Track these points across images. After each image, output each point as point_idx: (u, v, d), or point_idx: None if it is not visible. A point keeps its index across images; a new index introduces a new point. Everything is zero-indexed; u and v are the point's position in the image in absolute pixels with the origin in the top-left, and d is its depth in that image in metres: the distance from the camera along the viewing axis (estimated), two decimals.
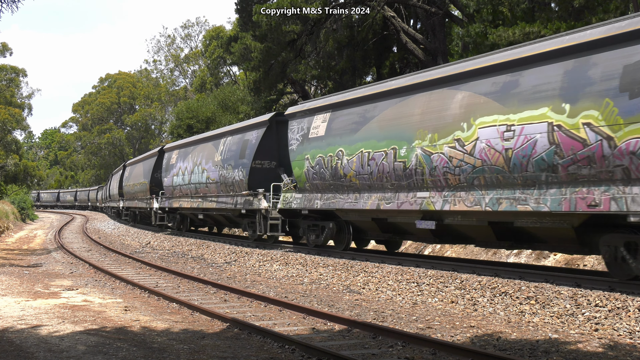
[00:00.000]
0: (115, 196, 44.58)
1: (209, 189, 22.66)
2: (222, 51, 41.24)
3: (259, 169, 19.34)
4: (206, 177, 22.68)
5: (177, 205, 26.04)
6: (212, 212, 23.06)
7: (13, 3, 10.93)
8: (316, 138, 15.94)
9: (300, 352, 7.26)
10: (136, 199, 34.84)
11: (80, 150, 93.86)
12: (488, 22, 18.12)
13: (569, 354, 7.06)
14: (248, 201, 19.28)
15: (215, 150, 22.43)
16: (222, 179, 21.20)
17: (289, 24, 24.23)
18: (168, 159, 28.00)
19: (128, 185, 37.46)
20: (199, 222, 26.57)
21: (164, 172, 28.27)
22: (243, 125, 21.18)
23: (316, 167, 15.74)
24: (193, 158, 24.53)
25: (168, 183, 27.22)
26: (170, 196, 27.14)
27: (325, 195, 15.52)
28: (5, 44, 52.74)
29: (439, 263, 13.16)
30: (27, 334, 8.26)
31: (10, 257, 20.42)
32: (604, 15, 15.53)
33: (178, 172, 25.92)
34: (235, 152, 20.50)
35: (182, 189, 25.43)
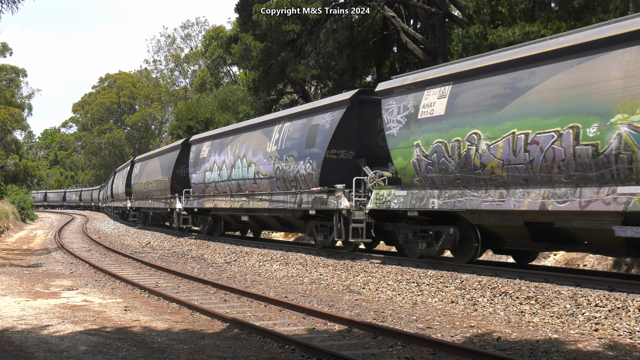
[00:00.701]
0: (120, 195, 41.21)
1: (258, 186, 19.05)
2: (222, 51, 41.25)
3: (334, 160, 15.89)
4: (254, 171, 19.13)
5: (210, 206, 22.57)
6: (261, 213, 19.48)
7: (13, 3, 10.93)
8: (431, 119, 12.51)
9: (300, 352, 7.26)
10: (150, 199, 31.12)
11: (81, 150, 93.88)
12: (487, 22, 18.12)
13: (569, 354, 7.06)
14: (320, 200, 15.84)
15: (266, 139, 18.82)
16: (279, 174, 17.70)
17: (288, 23, 24.21)
18: (196, 152, 24.30)
19: (139, 183, 33.69)
20: (238, 225, 23.32)
21: (191, 167, 24.65)
22: (310, 108, 17.47)
23: (432, 155, 12.38)
24: (233, 150, 20.94)
25: (198, 180, 23.62)
26: (200, 195, 23.56)
27: (447, 192, 12.15)
28: (5, 44, 52.74)
29: (439, 263, 13.16)
30: (27, 334, 8.26)
31: (10, 257, 20.42)
32: (604, 15, 15.54)
33: (212, 167, 22.37)
34: (298, 141, 16.99)
35: (218, 187, 21.92)
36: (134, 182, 35.19)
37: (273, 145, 18.31)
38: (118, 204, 43.19)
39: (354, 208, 14.80)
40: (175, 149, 28.16)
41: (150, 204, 31.05)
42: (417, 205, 12.85)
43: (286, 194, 17.51)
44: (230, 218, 22.60)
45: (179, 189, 26.41)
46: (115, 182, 45.53)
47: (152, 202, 30.69)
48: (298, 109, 18.39)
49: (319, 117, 16.48)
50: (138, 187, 34.06)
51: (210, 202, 22.57)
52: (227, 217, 22.84)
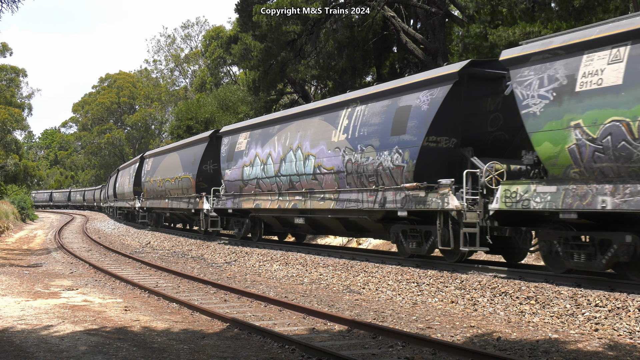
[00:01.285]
0: (127, 195, 38.01)
1: (319, 182, 16.09)
2: (222, 51, 41.24)
3: (433, 149, 12.91)
4: (313, 165, 16.18)
5: (250, 206, 19.52)
6: (322, 214, 16.34)
7: (13, 3, 10.94)
8: (598, 91, 9.71)
9: (300, 352, 7.26)
10: (168, 198, 27.99)
11: (81, 150, 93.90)
12: (487, 22, 18.12)
13: (569, 354, 7.06)
14: (414, 198, 12.86)
15: (330, 126, 15.80)
16: (351, 167, 14.72)
17: (288, 23, 24.23)
18: (230, 145, 21.17)
19: (152, 181, 30.42)
20: (284, 228, 20.23)
21: (223, 162, 21.43)
22: (395, 86, 14.23)
23: (604, 139, 9.58)
24: (282, 141, 17.92)
25: (233, 176, 20.55)
26: (236, 194, 20.45)
27: (628, 188, 9.34)
28: (5, 44, 52.74)
29: (439, 263, 13.16)
30: (27, 334, 8.26)
31: (10, 257, 20.42)
32: (604, 15, 15.54)
33: (253, 162, 19.34)
34: (380, 127, 13.94)
35: (262, 184, 18.86)
36: (145, 179, 31.84)
37: (341, 133, 15.26)
38: (123, 204, 40.29)
39: (465, 209, 12.00)
40: (201, 142, 24.71)
41: (167, 204, 27.91)
42: (575, 205, 9.96)
43: (361, 192, 14.43)
44: (275, 221, 19.43)
45: (204, 187, 23.56)
46: (119, 181, 42.39)
47: (170, 202, 27.46)
48: (375, 88, 14.95)
49: (410, 97, 13.41)
50: (150, 185, 30.73)
51: (250, 202, 19.49)
52: (271, 220, 19.68)
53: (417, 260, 13.66)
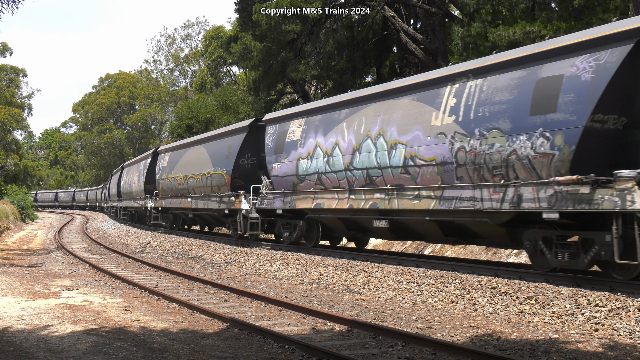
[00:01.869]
0: (136, 194, 34.91)
1: (412, 177, 13.13)
2: (222, 51, 41.27)
3: (597, 132, 10.05)
4: (403, 156, 13.32)
5: (307, 206, 16.61)
6: (415, 216, 13.38)
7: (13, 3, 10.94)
8: None
9: (300, 352, 7.26)
10: (191, 197, 24.84)
11: (81, 150, 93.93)
12: (487, 22, 18.13)
13: (569, 354, 7.06)
14: (571, 196, 10.01)
15: (429, 107, 12.88)
16: (464, 157, 11.86)
17: (288, 23, 24.25)
18: (279, 135, 18.25)
19: (170, 178, 27.39)
20: (349, 232, 16.87)
21: (270, 155, 18.43)
22: (531, 52, 11.20)
23: None
24: (354, 127, 15.08)
25: (285, 171, 17.59)
26: (289, 191, 17.53)
27: None
28: (5, 44, 52.77)
29: (439, 263, 13.15)
30: (27, 334, 8.26)
31: (10, 257, 20.42)
32: (604, 15, 15.54)
33: (312, 153, 16.47)
34: (511, 105, 11.13)
35: (325, 179, 15.97)
36: (161, 177, 28.74)
37: (445, 115, 12.36)
38: (130, 204, 37.05)
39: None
40: (238, 133, 21.56)
41: (190, 203, 24.75)
42: None
43: (479, 188, 11.57)
44: (339, 223, 16.30)
45: (240, 184, 20.79)
46: (125, 179, 39.30)
47: (195, 201, 24.31)
48: (497, 57, 11.92)
49: (560, 65, 10.56)
50: (168, 183, 27.61)
51: (308, 202, 16.57)
52: (334, 222, 16.51)
53: (417, 260, 13.64)
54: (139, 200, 33.74)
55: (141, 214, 35.59)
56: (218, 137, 23.31)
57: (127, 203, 38.00)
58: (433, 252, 19.90)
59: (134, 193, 35.45)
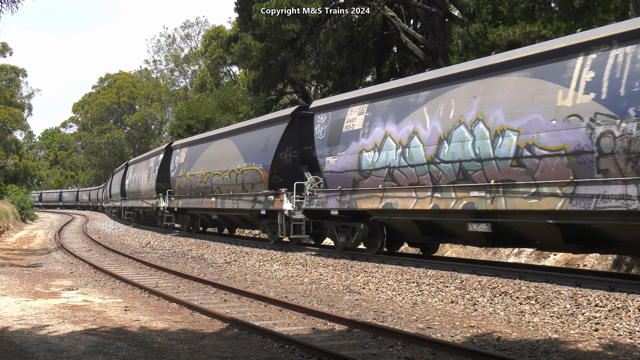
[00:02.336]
0: (142, 193, 32.54)
1: (529, 170, 10.85)
2: (222, 51, 41.29)
3: None
4: (516, 144, 11.04)
5: (374, 206, 14.14)
6: (530, 219, 11.12)
7: (13, 3, 10.94)
8: None
9: (300, 352, 7.27)
10: (217, 197, 22.34)
11: (81, 150, 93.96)
12: (488, 21, 18.13)
13: (569, 354, 7.06)
14: None
15: (552, 84, 10.66)
16: (610, 145, 9.63)
17: (288, 23, 24.25)
18: (334, 124, 15.74)
19: (188, 176, 25.01)
20: (430, 236, 13.98)
21: (322, 147, 15.96)
22: None
23: None
24: (440, 112, 12.67)
25: (342, 166, 15.17)
26: (347, 189, 15.11)
27: None
28: (5, 44, 52.78)
29: (439, 263, 13.16)
30: (27, 334, 8.27)
31: (10, 257, 20.43)
32: (604, 16, 15.54)
33: (380, 144, 13.94)
34: None
35: (400, 175, 13.44)
36: (177, 174, 26.33)
37: (580, 93, 10.12)
38: (137, 204, 34.56)
39: None
40: (277, 123, 18.95)
41: (215, 203, 22.51)
42: None
43: (633, 184, 9.37)
44: (414, 227, 13.79)
45: (279, 181, 18.48)
46: (131, 177, 36.74)
47: (221, 201, 22.02)
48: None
49: None
50: (187, 181, 25.22)
51: (374, 201, 14.18)
52: (408, 225, 13.97)
53: (417, 260, 13.65)
54: (149, 200, 31.16)
55: (150, 215, 33.32)
56: (251, 129, 20.66)
57: (134, 203, 35.62)
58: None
59: (142, 192, 32.93)
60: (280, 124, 18.73)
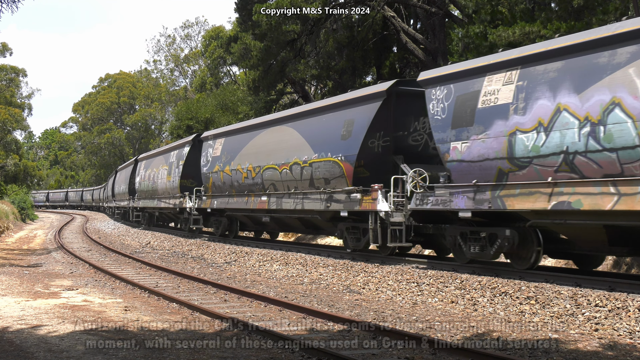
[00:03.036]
0: (162, 192, 28.63)
1: None
2: (222, 51, 41.28)
3: None
4: None
5: (535, 206, 10.77)
6: None
7: (13, 3, 10.94)
8: None
9: (300, 352, 7.27)
10: (270, 196, 18.48)
11: (81, 150, 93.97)
12: (487, 22, 18.13)
13: (569, 354, 7.07)
14: None
15: None
16: None
17: (288, 23, 24.25)
18: (460, 100, 12.42)
19: (228, 171, 21.17)
20: (626, 248, 10.72)
21: (446, 131, 12.60)
22: None
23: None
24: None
25: (482, 152, 11.79)
26: (489, 184, 11.68)
27: None
28: (5, 44, 52.83)
29: (439, 263, 13.16)
30: (27, 334, 8.27)
31: (10, 257, 20.42)
32: (604, 16, 15.55)
33: (550, 123, 10.58)
34: None
35: (585, 163, 10.09)
36: (211, 169, 22.63)
37: None
38: (151, 204, 30.75)
39: None
40: (363, 103, 15.18)
41: (266, 203, 18.63)
42: None
43: None
44: (600, 235, 10.50)
45: (365, 175, 14.94)
46: (143, 174, 33.01)
47: (277, 200, 18.20)
48: None
49: None
50: (225, 177, 21.56)
51: (539, 199, 10.71)
52: (591, 233, 10.69)
53: (417, 260, 13.64)
54: (169, 200, 27.16)
55: (167, 216, 29.91)
56: (324, 111, 16.75)
57: (146, 203, 31.92)
58: (433, 252, 19.89)
59: (159, 191, 29.17)
60: (371, 103, 14.81)
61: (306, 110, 17.91)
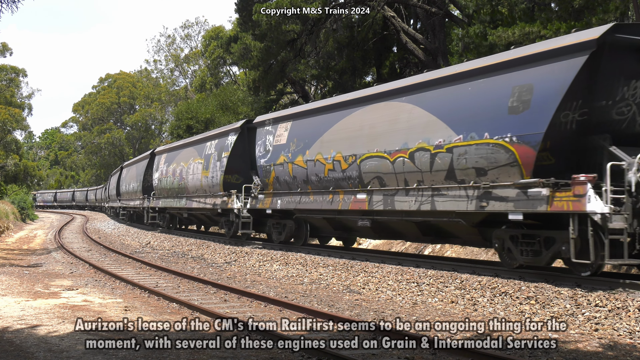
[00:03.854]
0: (197, 189, 23.94)
1: None
2: (222, 51, 41.27)
3: None
4: None
5: None
6: None
7: (13, 3, 10.94)
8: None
9: (300, 352, 7.26)
10: (373, 193, 14.07)
11: (81, 150, 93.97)
12: (487, 22, 18.13)
13: (569, 354, 7.07)
14: None
15: None
16: None
17: (288, 23, 24.26)
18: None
19: (301, 162, 16.78)
20: None
21: None
22: None
23: None
24: None
25: None
26: None
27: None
28: (5, 44, 52.84)
29: (439, 263, 13.15)
30: (27, 334, 8.27)
31: (10, 257, 20.42)
32: (604, 16, 15.54)
33: None
34: None
35: None
36: (273, 161, 18.18)
37: None
38: (180, 204, 25.99)
39: None
40: (548, 60, 10.36)
41: (366, 203, 14.30)
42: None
43: None
44: None
45: (549, 164, 10.51)
46: (163, 170, 28.70)
47: (381, 198, 13.84)
48: None
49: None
50: (295, 170, 17.05)
51: None
52: None
53: (417, 260, 13.65)
54: (206, 199, 23.00)
55: (200, 218, 26.06)
56: (469, 77, 11.89)
57: (169, 203, 27.54)
58: (433, 252, 19.89)
59: (190, 188, 24.74)
60: (567, 59, 10.11)
61: (437, 78, 12.75)
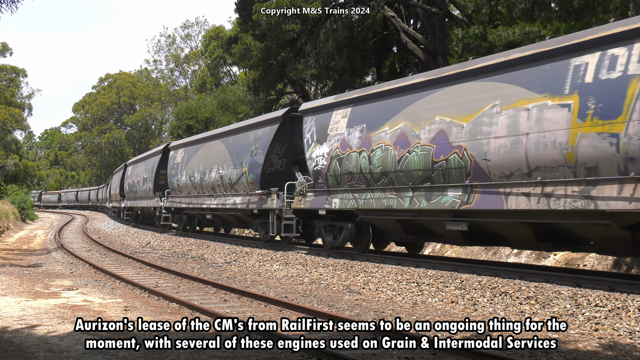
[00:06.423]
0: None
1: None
2: (222, 51, 41.28)
3: None
4: None
5: None
6: None
7: (12, 3, 10.94)
8: None
9: (300, 352, 7.26)
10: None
11: (81, 150, 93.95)
12: (486, 22, 18.12)
13: (569, 354, 7.06)
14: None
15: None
16: None
17: (288, 23, 24.25)
18: None
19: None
20: None
21: None
22: None
23: None
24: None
25: None
26: None
27: None
28: (5, 44, 52.79)
29: (439, 263, 13.16)
30: (27, 334, 8.27)
31: (10, 257, 20.42)
32: (604, 16, 15.54)
33: None
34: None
35: None
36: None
37: None
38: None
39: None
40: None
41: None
42: None
43: None
44: None
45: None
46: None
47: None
48: None
49: None
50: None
51: None
52: None
53: (418, 260, 13.64)
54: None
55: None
56: None
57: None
58: (433, 252, 19.89)
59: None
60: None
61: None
